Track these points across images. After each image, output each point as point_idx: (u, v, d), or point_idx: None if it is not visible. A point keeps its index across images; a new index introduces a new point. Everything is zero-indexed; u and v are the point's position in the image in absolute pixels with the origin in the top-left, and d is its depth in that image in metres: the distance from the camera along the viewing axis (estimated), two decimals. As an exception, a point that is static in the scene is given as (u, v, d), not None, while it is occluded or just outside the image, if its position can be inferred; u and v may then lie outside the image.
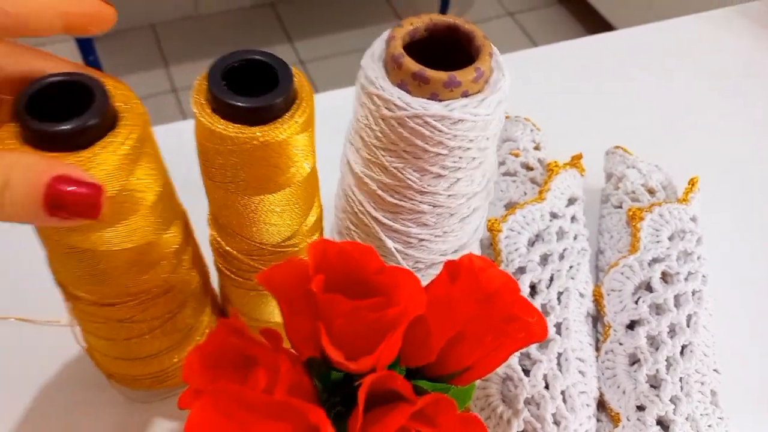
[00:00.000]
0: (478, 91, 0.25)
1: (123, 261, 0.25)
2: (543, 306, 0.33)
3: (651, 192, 0.40)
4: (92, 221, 0.20)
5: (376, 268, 0.22)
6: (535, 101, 0.47)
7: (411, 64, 0.24)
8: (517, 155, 0.41)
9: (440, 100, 0.24)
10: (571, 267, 0.35)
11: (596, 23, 1.52)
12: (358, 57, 0.27)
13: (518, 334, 0.22)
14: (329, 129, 0.33)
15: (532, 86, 0.52)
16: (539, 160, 0.41)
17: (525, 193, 0.39)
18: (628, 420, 0.31)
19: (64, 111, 0.20)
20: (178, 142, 0.29)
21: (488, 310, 0.22)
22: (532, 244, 0.37)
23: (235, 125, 0.22)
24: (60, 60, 0.22)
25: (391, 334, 0.21)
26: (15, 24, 0.20)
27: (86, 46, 1.33)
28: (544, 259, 0.36)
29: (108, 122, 0.21)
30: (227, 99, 0.22)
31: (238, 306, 0.33)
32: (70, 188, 0.18)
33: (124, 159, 0.21)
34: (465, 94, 0.24)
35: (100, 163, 0.21)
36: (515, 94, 0.27)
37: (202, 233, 0.31)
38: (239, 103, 0.22)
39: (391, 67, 0.25)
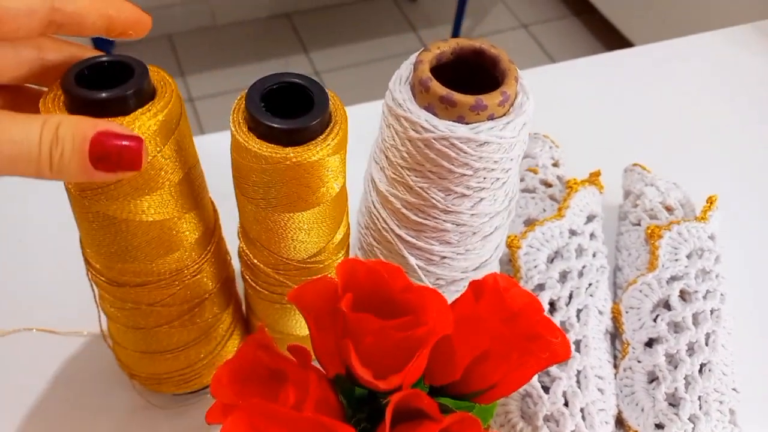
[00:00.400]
0: (504, 114, 0.25)
1: (150, 237, 0.26)
2: (562, 323, 0.34)
3: (669, 210, 0.40)
4: (128, 188, 0.21)
5: (404, 287, 0.23)
6: (554, 118, 0.47)
7: (438, 88, 0.25)
8: (536, 172, 0.41)
9: (466, 123, 0.25)
10: (590, 284, 0.36)
11: (610, 35, 1.52)
12: (374, 67, 0.27)
13: (542, 353, 0.23)
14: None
15: (550, 103, 0.53)
16: (558, 177, 0.41)
17: (544, 210, 0.40)
18: (647, 438, 0.31)
19: (108, 87, 0.22)
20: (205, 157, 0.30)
21: (513, 329, 0.23)
22: (551, 261, 0.37)
23: (270, 145, 0.23)
24: (103, 53, 0.24)
25: (419, 353, 0.21)
26: (67, 21, 0.22)
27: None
28: (564, 276, 0.36)
29: (146, 96, 0.23)
30: (263, 119, 0.23)
31: (261, 318, 0.34)
32: (113, 141, 0.20)
33: (157, 131, 0.23)
34: (491, 117, 0.25)
35: (137, 129, 0.22)
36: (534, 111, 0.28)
37: (231, 244, 0.32)
38: (275, 125, 0.23)
39: (419, 90, 0.25)
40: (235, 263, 0.33)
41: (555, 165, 0.42)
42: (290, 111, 0.24)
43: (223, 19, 1.57)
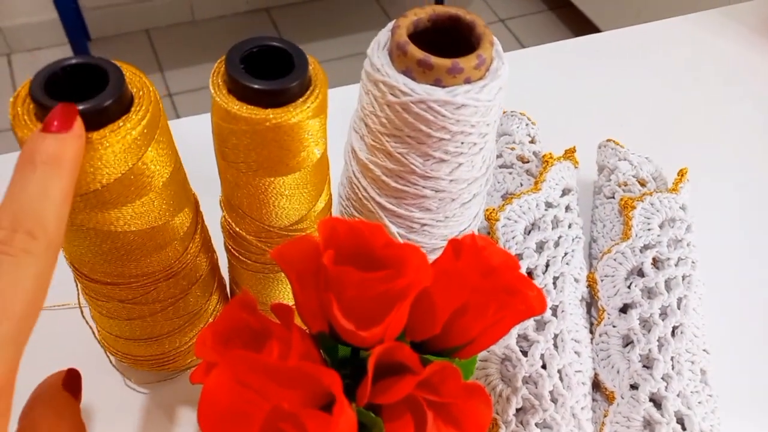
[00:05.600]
0: (480, 78, 0.26)
1: (130, 242, 0.26)
2: (540, 290, 0.35)
3: (642, 183, 0.41)
4: (109, 196, 0.21)
5: (384, 243, 0.23)
6: (529, 99, 0.48)
7: (416, 51, 0.25)
8: (513, 148, 0.42)
9: (444, 86, 0.26)
10: (565, 254, 0.37)
11: (585, 28, 1.54)
12: (353, 61, 0.28)
13: (519, 306, 0.24)
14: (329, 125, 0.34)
15: (525, 84, 0.54)
16: (534, 153, 0.42)
17: (521, 185, 0.41)
18: (622, 398, 0.32)
19: (82, 94, 0.21)
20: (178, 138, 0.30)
21: (491, 283, 0.24)
22: (528, 232, 0.38)
23: (250, 106, 0.23)
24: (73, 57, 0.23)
25: (400, 305, 0.22)
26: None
27: (82, 50, 1.34)
28: (540, 247, 0.37)
29: (123, 105, 0.22)
30: (243, 81, 0.23)
31: (246, 289, 0.34)
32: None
33: (133, 143, 0.22)
34: (467, 81, 0.26)
35: (110, 146, 0.22)
36: (509, 92, 0.28)
37: (210, 222, 0.32)
38: (254, 85, 0.23)
39: (396, 54, 0.26)
40: (217, 240, 0.33)
41: (532, 142, 0.43)
42: (270, 75, 0.24)
43: (202, 14, 1.56)
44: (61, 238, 0.19)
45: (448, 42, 0.27)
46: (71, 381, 0.23)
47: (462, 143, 0.27)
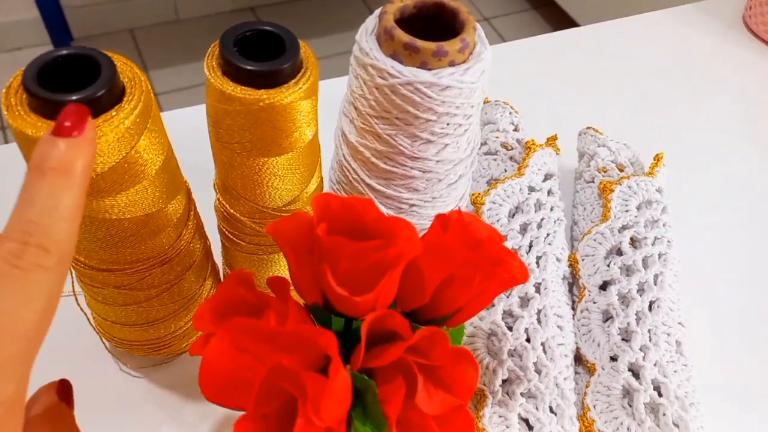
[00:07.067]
0: (464, 61, 0.27)
1: (125, 229, 0.26)
2: (524, 268, 0.36)
3: (620, 168, 0.43)
4: (104, 184, 0.21)
5: (376, 217, 0.24)
6: (512, 89, 0.50)
7: (402, 35, 0.26)
8: (497, 136, 0.44)
9: (429, 69, 0.27)
10: (548, 234, 0.38)
11: (568, 26, 1.57)
12: (339, 59, 0.29)
13: (503, 275, 0.25)
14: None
15: (508, 75, 0.55)
16: (518, 140, 0.44)
17: (505, 170, 0.42)
18: (603, 369, 0.34)
19: (73, 84, 0.22)
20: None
21: (477, 254, 0.25)
22: (512, 215, 0.39)
23: (243, 87, 0.25)
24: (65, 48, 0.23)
25: (391, 273, 0.23)
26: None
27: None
28: (524, 228, 0.38)
29: (114, 95, 0.23)
30: (237, 62, 0.24)
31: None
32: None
33: (126, 132, 0.23)
34: (452, 64, 0.27)
35: (103, 135, 0.22)
36: (494, 83, 0.30)
37: (203, 211, 0.33)
38: (248, 67, 0.24)
39: (384, 39, 0.27)
40: (210, 225, 0.34)
41: (515, 130, 0.45)
42: (263, 58, 0.25)
43: (187, 13, 1.56)
44: (72, 250, 0.18)
45: (433, 28, 0.29)
46: (64, 391, 0.23)
47: (448, 124, 0.29)
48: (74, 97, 0.21)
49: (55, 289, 0.18)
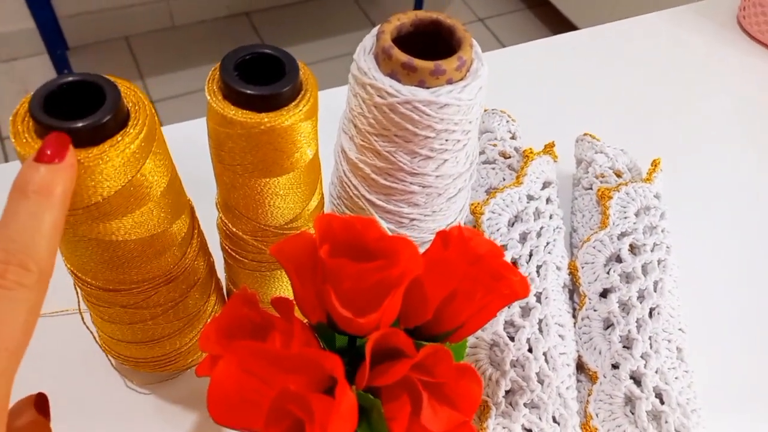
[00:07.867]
0: (461, 79, 0.28)
1: (131, 250, 0.27)
2: (524, 278, 0.36)
3: (618, 174, 0.43)
4: (109, 207, 0.21)
5: (377, 236, 0.24)
6: (509, 97, 0.50)
7: (400, 55, 0.27)
8: (494, 145, 0.44)
9: (427, 87, 0.27)
10: (547, 243, 0.38)
11: (562, 26, 1.58)
12: (333, 63, 0.29)
13: (504, 290, 0.25)
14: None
15: (504, 83, 0.56)
16: (515, 149, 0.44)
17: (503, 179, 0.42)
18: (605, 377, 0.34)
19: (79, 109, 0.22)
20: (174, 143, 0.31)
21: (477, 270, 0.25)
22: (511, 224, 0.40)
23: (244, 111, 0.25)
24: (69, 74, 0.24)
25: (394, 292, 0.23)
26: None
27: (60, 60, 1.33)
28: (523, 237, 0.39)
29: (119, 120, 0.23)
30: (238, 87, 0.24)
31: (245, 285, 0.35)
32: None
33: (131, 157, 0.23)
34: (449, 82, 0.27)
35: (109, 160, 0.23)
36: (490, 91, 0.30)
37: (205, 225, 0.33)
38: (248, 91, 0.24)
39: (382, 58, 0.27)
40: (213, 242, 0.34)
41: (512, 138, 0.45)
42: (263, 81, 0.25)
43: (182, 20, 1.56)
44: (51, 268, 0.19)
45: (431, 44, 0.29)
46: (41, 403, 0.23)
47: (446, 140, 0.29)
48: (80, 124, 0.22)
49: (35, 305, 0.19)
